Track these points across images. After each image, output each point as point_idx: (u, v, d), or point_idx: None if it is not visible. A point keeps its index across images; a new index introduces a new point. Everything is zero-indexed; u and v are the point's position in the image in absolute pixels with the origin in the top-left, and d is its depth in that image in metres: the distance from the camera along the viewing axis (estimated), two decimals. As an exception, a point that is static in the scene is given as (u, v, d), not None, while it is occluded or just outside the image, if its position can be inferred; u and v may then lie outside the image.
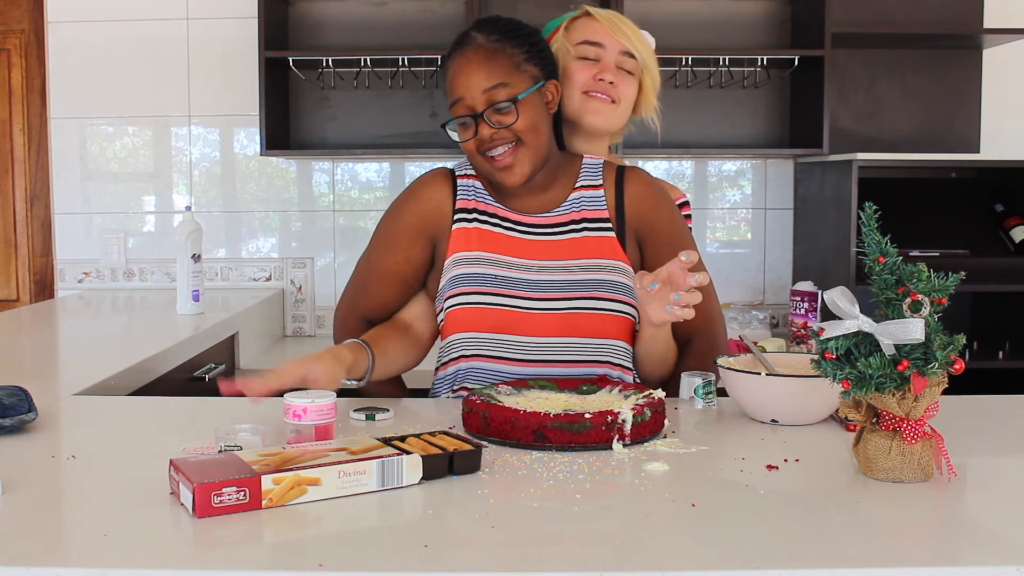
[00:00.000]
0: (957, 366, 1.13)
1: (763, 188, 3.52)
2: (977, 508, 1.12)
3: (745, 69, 3.34)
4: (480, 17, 1.68)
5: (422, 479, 1.15)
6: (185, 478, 1.05)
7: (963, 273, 1.15)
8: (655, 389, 1.44)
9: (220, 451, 1.22)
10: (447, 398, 1.66)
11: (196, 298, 2.83)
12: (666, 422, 1.40)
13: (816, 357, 1.19)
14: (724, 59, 3.22)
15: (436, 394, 1.72)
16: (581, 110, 1.77)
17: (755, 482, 1.17)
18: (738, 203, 3.54)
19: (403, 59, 3.15)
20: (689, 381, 1.58)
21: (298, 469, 1.09)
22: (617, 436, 1.30)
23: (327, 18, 3.43)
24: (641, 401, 1.37)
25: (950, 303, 1.15)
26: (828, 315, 1.18)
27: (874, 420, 1.19)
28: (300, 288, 3.50)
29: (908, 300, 1.13)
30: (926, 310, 1.12)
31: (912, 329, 1.11)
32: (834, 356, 1.16)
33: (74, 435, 1.46)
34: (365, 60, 3.20)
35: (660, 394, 1.40)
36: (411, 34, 3.36)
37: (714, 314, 1.71)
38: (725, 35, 3.42)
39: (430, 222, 1.68)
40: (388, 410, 1.51)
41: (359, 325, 1.73)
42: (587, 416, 1.30)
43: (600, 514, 1.09)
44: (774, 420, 1.45)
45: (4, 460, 1.27)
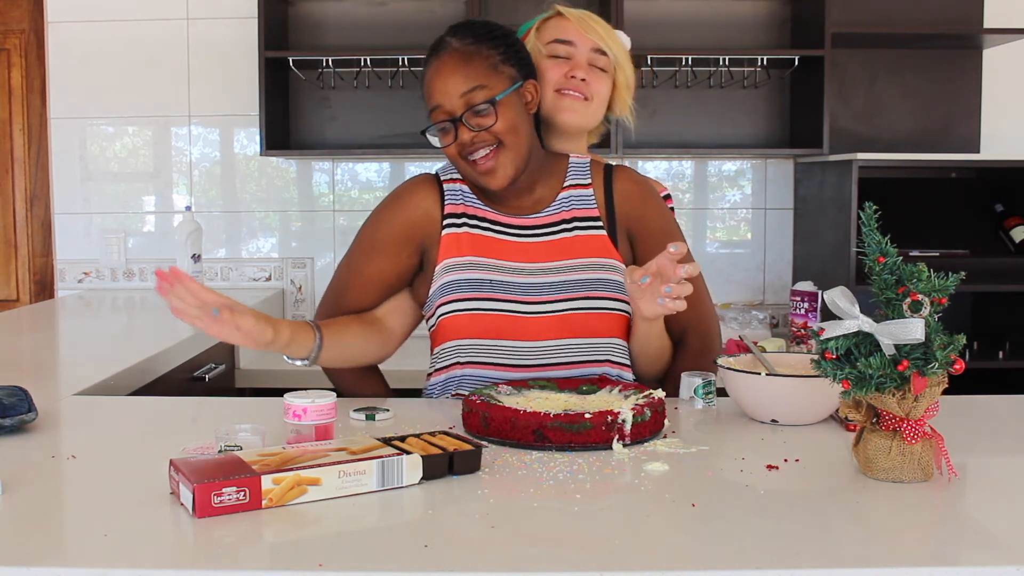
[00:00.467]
0: (957, 366, 1.13)
1: (763, 188, 3.52)
2: (977, 508, 1.12)
3: (745, 69, 3.34)
4: (471, 18, 1.67)
5: (422, 479, 1.15)
6: (185, 478, 1.05)
7: (963, 273, 1.15)
8: (655, 389, 1.44)
9: (220, 451, 1.22)
10: (447, 399, 1.66)
11: (196, 298, 2.83)
12: (666, 422, 1.40)
13: (816, 357, 1.19)
14: (724, 59, 3.22)
15: (429, 396, 1.71)
16: (554, 108, 1.76)
17: (755, 482, 1.17)
18: (738, 203, 3.54)
19: (403, 59, 3.15)
20: (689, 381, 1.58)
21: (298, 469, 1.09)
22: (617, 436, 1.30)
23: (327, 18, 3.43)
24: (641, 401, 1.37)
25: (950, 303, 1.15)
26: (828, 315, 1.18)
27: (874, 420, 1.19)
28: (300, 288, 3.50)
29: (908, 300, 1.13)
30: (926, 310, 1.12)
31: (912, 329, 1.11)
32: (834, 356, 1.16)
33: (74, 435, 1.46)
34: (365, 60, 3.20)
35: (660, 394, 1.40)
36: (411, 34, 3.36)
37: (706, 310, 1.71)
38: (725, 35, 3.42)
39: (417, 229, 1.66)
40: (388, 410, 1.51)
41: None
42: (587, 416, 1.30)
43: (600, 514, 1.09)
44: (774, 420, 1.45)
45: (4, 460, 1.27)
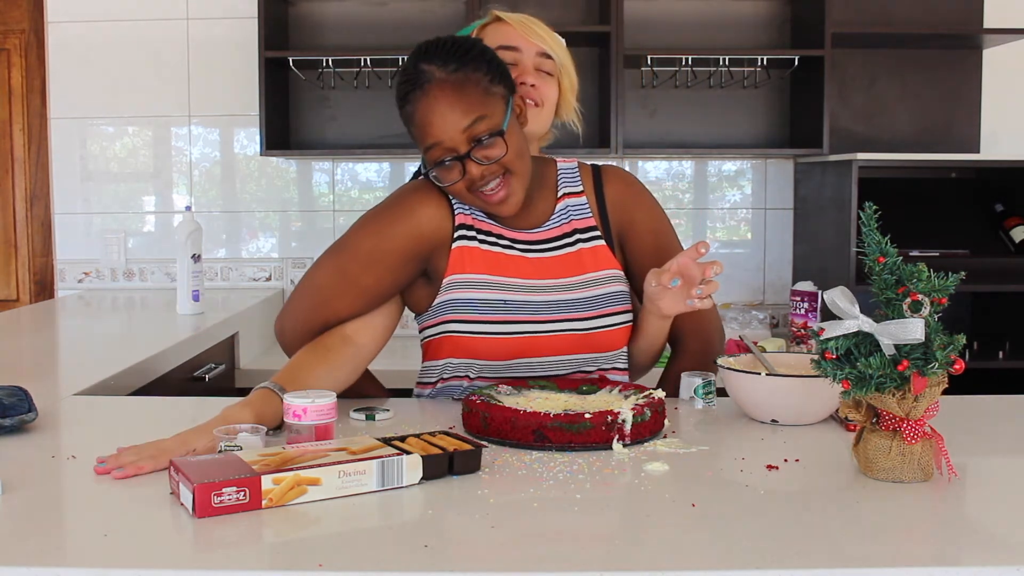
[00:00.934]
0: (957, 366, 1.13)
1: (763, 188, 3.52)
2: (977, 508, 1.12)
3: (745, 69, 3.34)
4: (438, 37, 1.54)
5: (422, 479, 1.15)
6: (185, 478, 1.05)
7: (963, 273, 1.15)
8: (655, 389, 1.44)
9: (220, 451, 1.22)
10: (451, 399, 1.65)
11: (196, 298, 2.83)
12: (666, 422, 1.40)
13: (816, 357, 1.19)
14: (724, 59, 3.22)
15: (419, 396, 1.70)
16: None
17: (755, 482, 1.17)
18: (738, 203, 3.54)
19: (403, 59, 3.13)
20: (689, 381, 1.58)
21: (298, 469, 1.09)
22: (617, 436, 1.30)
23: (327, 18, 3.43)
24: (641, 401, 1.37)
25: (950, 303, 1.15)
26: (828, 315, 1.18)
27: (874, 420, 1.19)
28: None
29: (908, 300, 1.13)
30: (926, 310, 1.12)
31: (912, 329, 1.11)
32: (834, 356, 1.16)
33: (74, 435, 1.46)
34: (365, 60, 3.20)
35: (660, 394, 1.40)
36: (411, 34, 3.36)
37: (707, 314, 1.69)
38: (725, 35, 3.42)
39: (426, 242, 1.57)
40: (388, 410, 1.51)
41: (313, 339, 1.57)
42: (587, 416, 1.30)
43: (600, 514, 1.09)
44: (774, 420, 1.45)
45: (4, 460, 1.27)
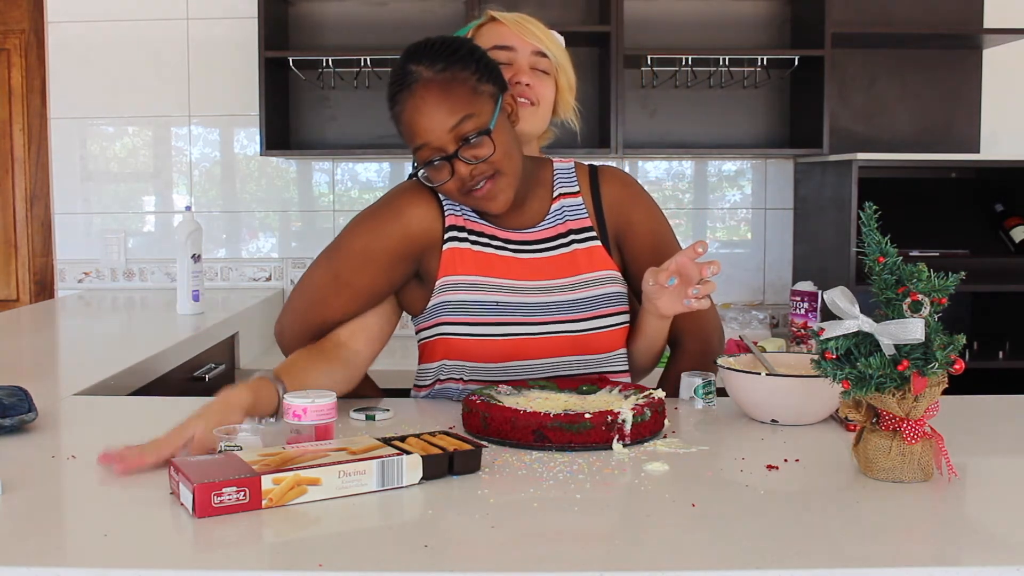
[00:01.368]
0: (957, 366, 1.13)
1: (763, 188, 3.52)
2: (977, 508, 1.12)
3: (745, 69, 3.34)
4: (428, 37, 1.54)
5: (422, 479, 1.15)
6: (185, 478, 1.05)
7: (963, 273, 1.15)
8: (655, 389, 1.44)
9: (220, 451, 1.22)
10: (451, 400, 1.65)
11: (196, 298, 2.83)
12: (666, 422, 1.40)
13: (816, 357, 1.19)
14: (724, 59, 3.22)
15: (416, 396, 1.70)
16: None
17: (755, 482, 1.17)
18: (738, 203, 3.54)
19: (403, 59, 3.15)
20: (689, 381, 1.58)
21: (298, 469, 1.09)
22: (617, 436, 1.30)
23: (327, 18, 3.43)
24: (641, 401, 1.36)
25: (950, 303, 1.15)
26: (828, 315, 1.18)
27: (874, 420, 1.19)
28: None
29: (908, 300, 1.13)
30: (926, 310, 1.12)
31: (912, 329, 1.11)
32: (834, 356, 1.16)
33: (74, 435, 1.46)
34: (365, 60, 3.20)
35: (660, 394, 1.40)
36: (411, 34, 3.30)
37: (707, 314, 1.68)
38: (725, 35, 3.42)
39: (416, 243, 1.57)
40: (388, 410, 1.51)
41: (310, 342, 1.58)
42: (587, 416, 1.30)
43: (600, 514, 1.09)
44: (774, 420, 1.45)
45: (4, 460, 1.27)
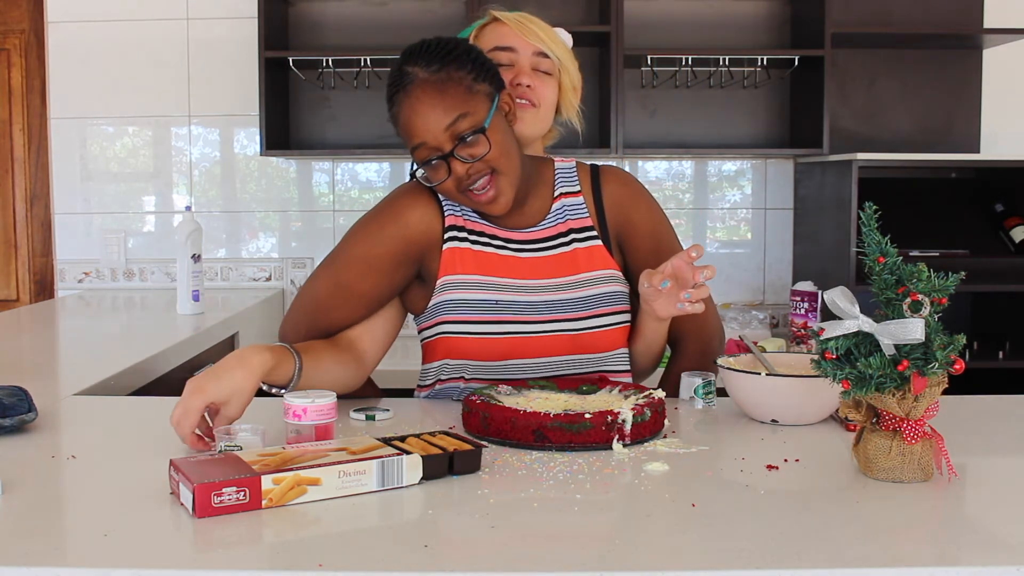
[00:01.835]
0: (957, 366, 1.13)
1: (763, 188, 3.52)
2: (977, 508, 1.12)
3: (745, 69, 3.34)
4: (424, 39, 1.56)
5: (422, 479, 1.15)
6: (185, 478, 1.05)
7: (963, 273, 1.15)
8: (655, 389, 1.44)
9: (220, 451, 1.22)
10: (452, 400, 1.65)
11: (196, 298, 2.83)
12: (666, 422, 1.40)
13: (816, 357, 1.19)
14: (724, 59, 3.22)
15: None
16: None
17: (755, 482, 1.17)
18: (738, 203, 3.54)
19: (403, 59, 3.15)
20: (689, 381, 1.58)
21: (298, 469, 1.09)
22: (617, 436, 1.30)
23: (327, 18, 3.43)
24: (641, 401, 1.36)
25: (950, 303, 1.15)
26: (828, 315, 1.18)
27: (874, 420, 1.19)
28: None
29: (908, 300, 1.13)
30: (926, 310, 1.12)
31: (912, 329, 1.11)
32: (834, 356, 1.16)
33: (74, 435, 1.46)
34: (365, 60, 3.20)
35: (660, 394, 1.40)
36: (411, 34, 3.29)
37: (707, 315, 1.68)
38: (725, 35, 3.42)
39: (416, 245, 1.58)
40: (388, 410, 1.51)
41: None
42: (587, 416, 1.30)
43: (600, 514, 1.09)
44: (774, 420, 1.45)
45: (4, 460, 1.27)
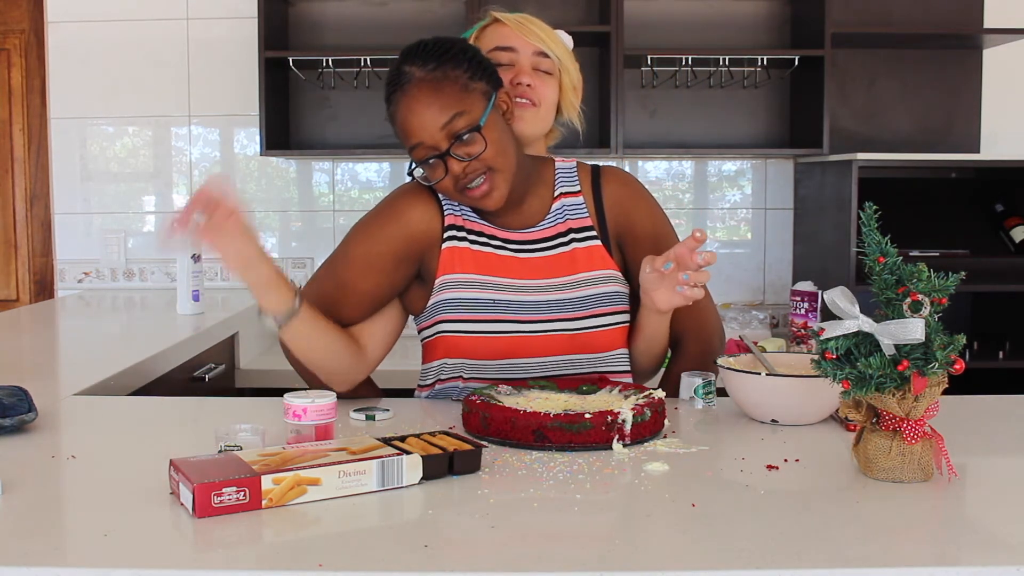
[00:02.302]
0: (957, 366, 1.13)
1: (763, 188, 3.52)
2: (977, 508, 1.12)
3: (745, 69, 3.34)
4: (421, 39, 1.57)
5: (422, 479, 1.15)
6: (185, 478, 1.05)
7: (963, 273, 1.15)
8: (655, 389, 1.44)
9: (220, 451, 1.22)
10: (452, 400, 1.65)
11: (196, 298, 2.83)
12: (666, 422, 1.40)
13: (816, 357, 1.19)
14: (724, 59, 3.22)
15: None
16: None
17: (755, 482, 1.17)
18: (738, 203, 3.54)
19: (403, 59, 3.15)
20: (689, 381, 1.58)
21: (298, 469, 1.09)
22: (617, 436, 1.30)
23: (327, 18, 3.43)
24: (641, 401, 1.36)
25: (950, 303, 1.15)
26: (828, 315, 1.18)
27: (874, 420, 1.19)
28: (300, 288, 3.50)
29: (908, 300, 1.13)
30: (926, 310, 1.12)
31: (912, 329, 1.11)
32: (834, 356, 1.16)
33: (74, 435, 1.46)
34: (365, 60, 3.20)
35: (660, 394, 1.40)
36: (411, 34, 3.28)
37: (708, 314, 1.69)
38: (725, 35, 3.42)
39: (416, 243, 1.59)
40: (388, 410, 1.51)
41: None
42: (587, 416, 1.30)
43: (600, 514, 1.09)
44: (774, 420, 1.45)
45: (4, 460, 1.27)
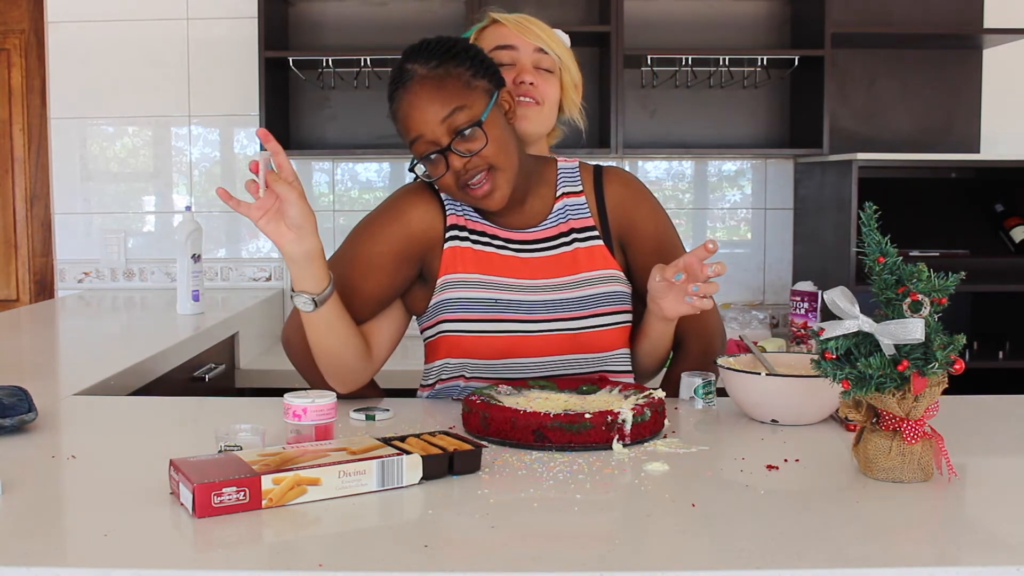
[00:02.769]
0: (957, 366, 1.13)
1: (763, 188, 3.52)
2: (977, 508, 1.12)
3: (745, 69, 3.34)
4: (424, 38, 1.57)
5: (422, 479, 1.15)
6: (185, 478, 1.05)
7: (963, 273, 1.15)
8: (655, 389, 1.44)
9: (220, 451, 1.22)
10: (451, 399, 1.65)
11: (196, 298, 2.83)
12: (666, 422, 1.40)
13: (816, 357, 1.19)
14: (724, 59, 3.22)
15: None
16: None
17: (755, 482, 1.17)
18: (738, 203, 3.54)
19: (403, 59, 3.15)
20: (689, 381, 1.58)
21: (298, 469, 1.09)
22: (617, 436, 1.30)
23: (327, 18, 3.43)
24: (641, 401, 1.36)
25: (950, 303, 1.15)
26: (828, 315, 1.18)
27: (874, 420, 1.19)
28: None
29: (908, 300, 1.13)
30: (926, 310, 1.12)
31: (912, 329, 1.11)
32: (834, 356, 1.16)
33: (74, 435, 1.46)
34: (365, 60, 3.20)
35: (660, 394, 1.40)
36: (411, 34, 3.29)
37: (709, 315, 1.68)
38: (725, 35, 3.42)
39: (418, 243, 1.60)
40: (388, 410, 1.51)
41: None
42: (587, 416, 1.30)
43: (600, 514, 1.09)
44: (774, 420, 1.45)
45: (4, 460, 1.27)
